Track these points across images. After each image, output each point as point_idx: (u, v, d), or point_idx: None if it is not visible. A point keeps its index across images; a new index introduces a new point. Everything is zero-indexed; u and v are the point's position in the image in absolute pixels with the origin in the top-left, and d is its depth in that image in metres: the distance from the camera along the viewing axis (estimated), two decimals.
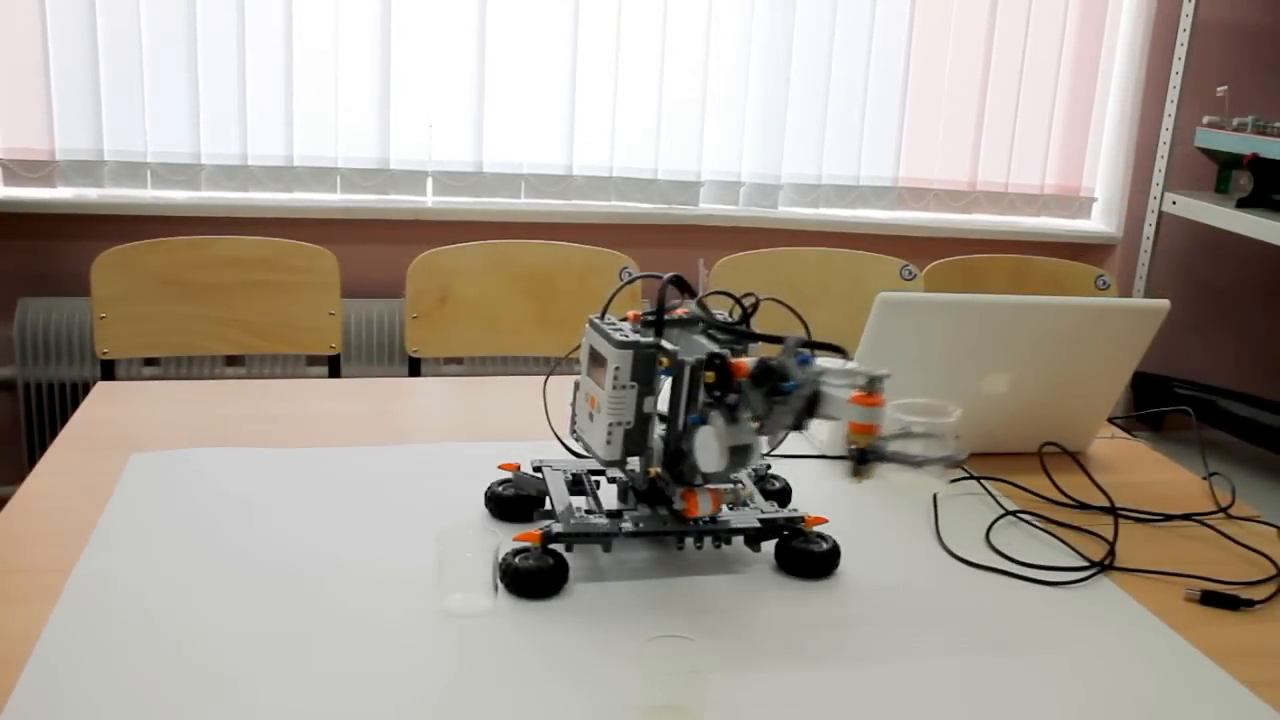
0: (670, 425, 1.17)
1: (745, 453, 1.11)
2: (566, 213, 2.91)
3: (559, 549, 1.18)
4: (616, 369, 1.15)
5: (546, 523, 1.18)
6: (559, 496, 1.25)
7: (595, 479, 1.31)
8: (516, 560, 1.15)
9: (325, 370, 2.73)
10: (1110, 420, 1.76)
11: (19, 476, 2.77)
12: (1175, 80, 3.03)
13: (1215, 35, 3.16)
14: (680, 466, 1.18)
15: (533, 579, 1.14)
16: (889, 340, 1.46)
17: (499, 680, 1.00)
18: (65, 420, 2.49)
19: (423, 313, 2.21)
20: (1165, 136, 3.08)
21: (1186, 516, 1.46)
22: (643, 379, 1.16)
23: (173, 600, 1.10)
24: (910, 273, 2.40)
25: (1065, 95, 3.17)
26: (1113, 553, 1.33)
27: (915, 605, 1.18)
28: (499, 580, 1.15)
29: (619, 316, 1.23)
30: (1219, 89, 3.13)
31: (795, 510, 1.25)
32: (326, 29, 2.73)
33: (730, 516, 1.23)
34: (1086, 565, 1.30)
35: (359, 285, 2.87)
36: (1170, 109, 3.06)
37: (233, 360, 2.82)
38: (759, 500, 1.28)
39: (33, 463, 2.69)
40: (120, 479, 1.36)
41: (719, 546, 1.27)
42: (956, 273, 2.47)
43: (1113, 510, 1.43)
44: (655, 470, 1.20)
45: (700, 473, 1.15)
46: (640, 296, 2.61)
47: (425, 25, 2.78)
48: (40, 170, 2.67)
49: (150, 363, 2.76)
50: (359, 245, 2.86)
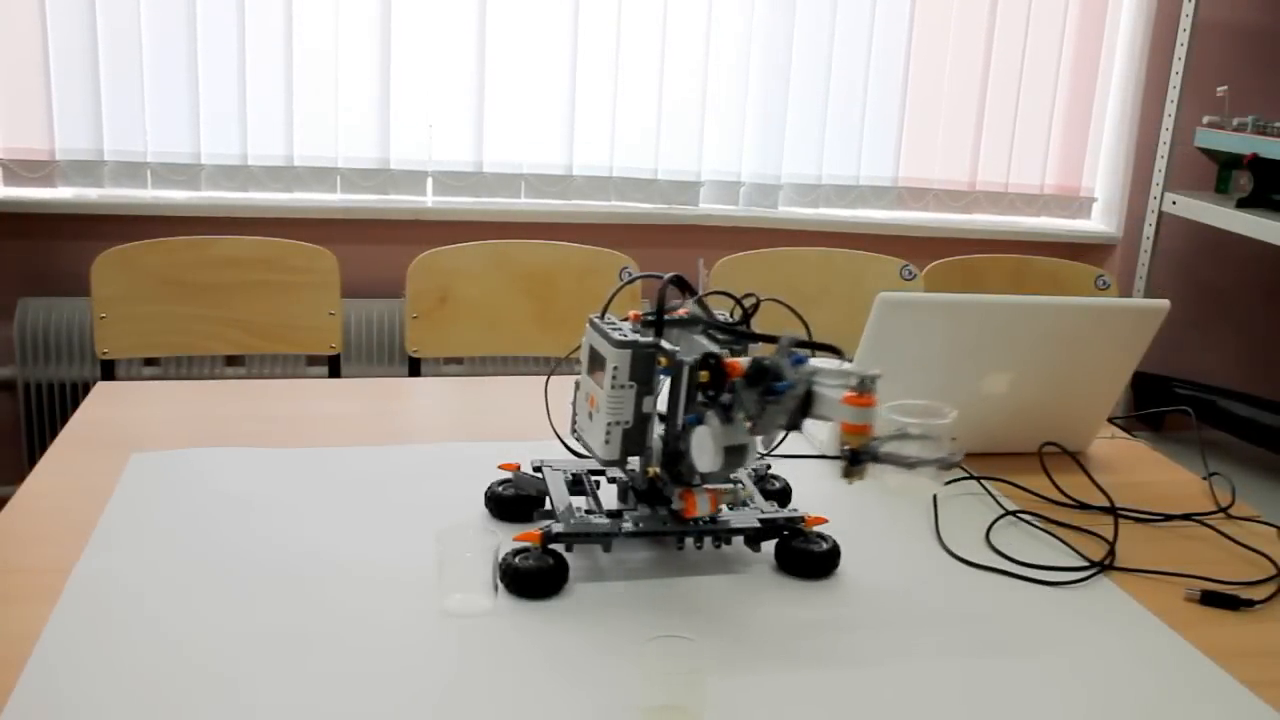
0: (668, 425, 1.17)
1: (740, 453, 1.11)
2: (566, 213, 2.91)
3: (559, 549, 1.18)
4: (615, 369, 1.15)
5: (546, 523, 1.18)
6: (559, 496, 1.25)
7: (595, 479, 1.32)
8: (516, 560, 1.15)
9: (325, 370, 2.73)
10: (1110, 420, 1.76)
11: (19, 476, 2.77)
12: (1175, 80, 3.03)
13: (1215, 35, 3.16)
14: (678, 467, 1.18)
15: (533, 579, 1.14)
16: (889, 340, 1.46)
17: (499, 680, 1.01)
18: (65, 420, 2.49)
19: (423, 313, 2.21)
20: (1165, 136, 3.08)
21: (1186, 516, 1.46)
22: (641, 379, 1.16)
23: (173, 600, 1.10)
24: (910, 273, 2.40)
25: (1065, 95, 3.17)
26: (1113, 553, 1.33)
27: (915, 605, 1.18)
28: (499, 580, 1.15)
29: (620, 316, 1.23)
30: (1219, 89, 3.13)
31: (795, 510, 1.25)
32: (326, 29, 2.73)
33: (730, 516, 1.23)
34: (1086, 565, 1.30)
35: (359, 285, 2.87)
36: (1170, 109, 3.06)
37: (233, 360, 2.82)
38: (759, 500, 1.28)
39: (33, 463, 2.69)
40: (120, 479, 1.36)
41: (719, 546, 1.27)
42: (956, 273, 2.47)
43: (1113, 510, 1.43)
44: (654, 470, 1.20)
45: (698, 473, 1.15)
46: (640, 296, 2.61)
47: (425, 25, 2.78)
48: (40, 170, 2.67)
49: (150, 363, 2.76)
50: (359, 245, 2.86)
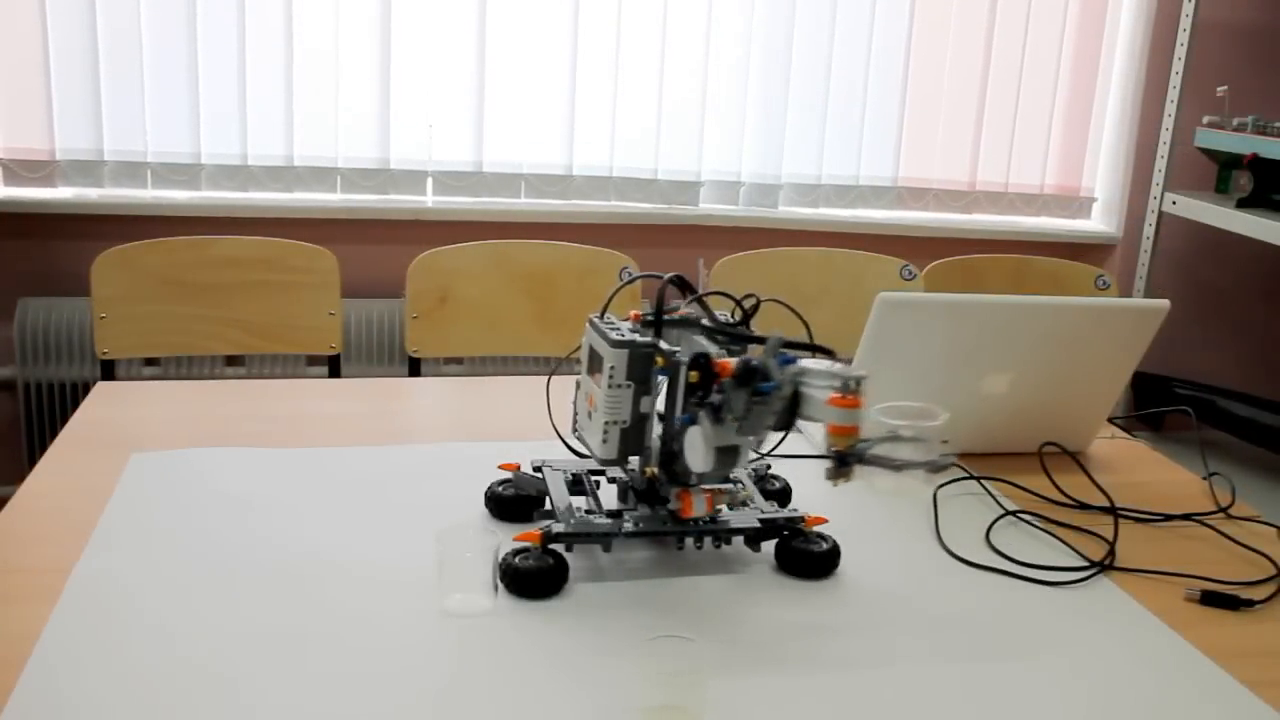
0: (665, 425, 1.17)
1: (733, 454, 1.10)
2: (566, 213, 2.91)
3: (559, 549, 1.18)
4: (612, 368, 1.15)
5: (546, 523, 1.18)
6: (559, 496, 1.25)
7: (595, 479, 1.31)
8: (516, 560, 1.15)
9: (325, 370, 2.73)
10: (1110, 420, 1.76)
11: (19, 476, 2.77)
12: (1175, 80, 3.03)
13: (1215, 35, 3.16)
14: (675, 467, 1.18)
15: (533, 579, 1.14)
16: (889, 340, 1.46)
17: (499, 680, 1.00)
18: (65, 420, 2.49)
19: (423, 313, 2.21)
20: (1165, 136, 3.08)
21: (1186, 516, 1.46)
22: (639, 379, 1.16)
23: (173, 600, 1.10)
24: (910, 273, 2.40)
25: (1065, 95, 3.17)
26: (1113, 553, 1.33)
27: (915, 605, 1.18)
28: (499, 580, 1.15)
29: (620, 317, 1.23)
30: (1219, 89, 3.13)
31: (795, 510, 1.25)
32: (326, 29, 2.73)
33: (730, 516, 1.23)
34: (1086, 565, 1.30)
35: (359, 285, 2.87)
36: (1170, 109, 3.06)
37: (233, 360, 2.82)
38: (759, 500, 1.28)
39: (33, 463, 2.69)
40: (120, 479, 1.36)
41: (719, 546, 1.27)
42: (956, 273, 2.47)
43: (1113, 510, 1.43)
44: (652, 470, 1.20)
45: (693, 473, 1.15)
46: (640, 296, 2.61)
47: (425, 25, 2.78)
48: (40, 170, 2.67)
49: (150, 363, 2.76)
50: (359, 245, 2.86)
